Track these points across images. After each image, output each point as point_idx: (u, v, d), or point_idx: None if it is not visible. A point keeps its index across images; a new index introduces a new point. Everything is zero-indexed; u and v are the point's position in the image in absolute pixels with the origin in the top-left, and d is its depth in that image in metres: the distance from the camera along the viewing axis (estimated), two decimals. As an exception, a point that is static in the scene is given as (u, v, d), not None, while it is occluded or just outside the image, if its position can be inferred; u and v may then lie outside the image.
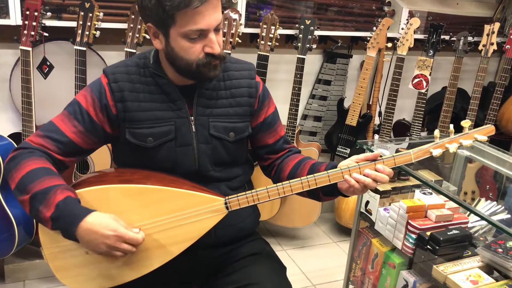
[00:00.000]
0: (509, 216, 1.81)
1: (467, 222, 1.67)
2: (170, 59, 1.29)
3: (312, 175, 1.25)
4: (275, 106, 1.50)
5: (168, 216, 1.25)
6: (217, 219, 1.27)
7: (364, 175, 1.23)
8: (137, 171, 1.35)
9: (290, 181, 1.25)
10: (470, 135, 1.28)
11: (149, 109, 1.32)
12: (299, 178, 1.25)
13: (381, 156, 1.26)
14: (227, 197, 1.27)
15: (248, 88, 1.42)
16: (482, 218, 1.54)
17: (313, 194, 1.36)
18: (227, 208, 1.27)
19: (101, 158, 2.24)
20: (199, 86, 1.35)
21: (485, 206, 1.88)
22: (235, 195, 1.26)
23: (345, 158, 2.75)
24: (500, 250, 1.51)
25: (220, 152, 1.39)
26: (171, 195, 1.25)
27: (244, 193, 1.26)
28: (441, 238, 1.54)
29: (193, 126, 1.36)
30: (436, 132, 1.27)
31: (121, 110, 1.31)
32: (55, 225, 1.19)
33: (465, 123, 1.30)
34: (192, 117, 1.35)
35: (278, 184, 1.25)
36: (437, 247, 1.54)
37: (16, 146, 2.09)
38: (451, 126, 1.30)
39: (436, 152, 1.25)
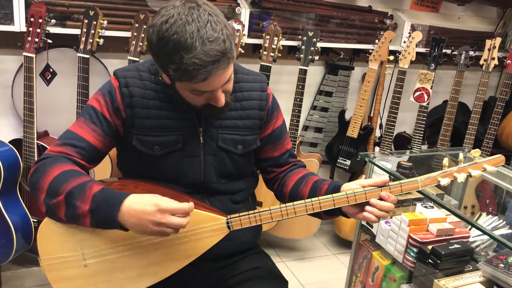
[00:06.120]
0: (510, 231, 1.80)
1: (468, 237, 1.67)
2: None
3: (316, 198, 1.23)
4: (283, 119, 1.48)
5: None
6: (218, 238, 1.25)
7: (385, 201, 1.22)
8: (140, 183, 1.33)
9: (294, 203, 1.23)
10: (479, 165, 1.23)
11: (158, 117, 1.31)
12: (303, 201, 1.23)
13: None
14: (229, 217, 1.24)
15: (258, 101, 1.40)
16: (485, 233, 1.53)
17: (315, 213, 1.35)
18: (228, 228, 1.24)
19: (101, 167, 2.23)
20: None
21: (486, 220, 1.88)
22: (237, 215, 1.23)
23: (345, 169, 2.81)
24: (501, 265, 1.50)
25: (226, 165, 1.38)
26: None
27: (246, 213, 1.23)
28: (443, 252, 1.52)
29: (201, 137, 1.34)
30: (445, 161, 1.22)
31: (130, 115, 1.30)
32: (95, 219, 1.14)
33: (475, 153, 1.24)
34: (201, 128, 1.34)
35: (282, 205, 1.23)
36: (439, 261, 1.53)
37: (16, 152, 2.10)
38: (461, 155, 1.27)
39: (444, 182, 1.20)
